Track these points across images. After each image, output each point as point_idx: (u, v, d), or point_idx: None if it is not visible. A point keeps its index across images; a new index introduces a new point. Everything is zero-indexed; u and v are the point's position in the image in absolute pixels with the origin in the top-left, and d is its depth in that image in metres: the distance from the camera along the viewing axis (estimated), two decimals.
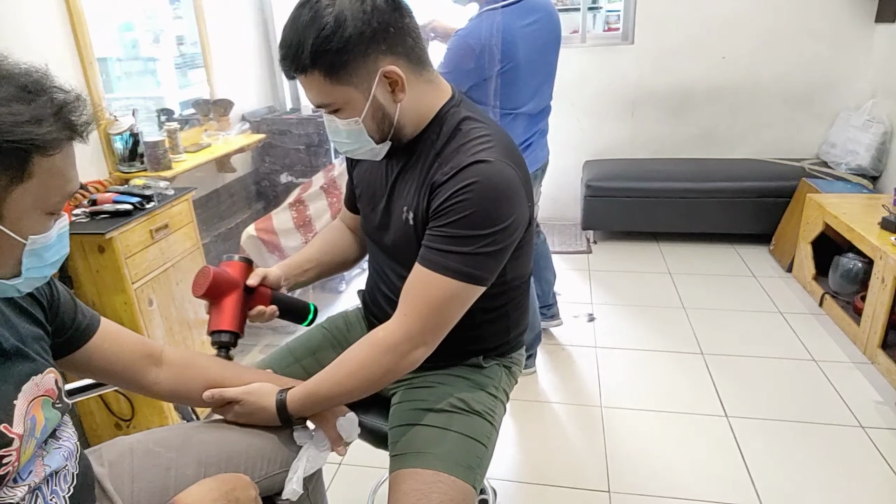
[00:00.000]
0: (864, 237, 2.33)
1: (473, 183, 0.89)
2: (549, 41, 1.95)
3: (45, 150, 0.64)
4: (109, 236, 1.70)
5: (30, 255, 0.69)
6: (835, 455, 1.84)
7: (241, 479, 0.87)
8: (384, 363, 0.95)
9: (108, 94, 2.24)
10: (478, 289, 0.95)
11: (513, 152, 0.97)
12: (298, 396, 0.99)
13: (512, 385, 1.21)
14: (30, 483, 0.73)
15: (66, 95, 0.67)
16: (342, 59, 0.86)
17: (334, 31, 0.84)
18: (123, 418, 1.94)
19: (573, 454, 1.92)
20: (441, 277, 0.92)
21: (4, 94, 0.61)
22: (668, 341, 2.52)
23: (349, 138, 0.96)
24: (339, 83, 0.89)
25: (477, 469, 1.01)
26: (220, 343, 1.05)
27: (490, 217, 0.90)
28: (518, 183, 0.94)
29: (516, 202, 0.93)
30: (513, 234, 0.94)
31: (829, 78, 3.41)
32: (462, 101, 1.02)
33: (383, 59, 0.89)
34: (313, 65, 0.87)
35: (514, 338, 1.19)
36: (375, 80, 0.89)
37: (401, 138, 0.99)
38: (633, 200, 3.48)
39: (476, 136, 0.94)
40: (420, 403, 1.09)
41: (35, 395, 0.74)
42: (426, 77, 0.97)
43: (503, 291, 1.09)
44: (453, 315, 0.96)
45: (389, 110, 0.94)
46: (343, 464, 1.90)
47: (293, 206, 2.70)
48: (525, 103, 1.94)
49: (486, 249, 0.91)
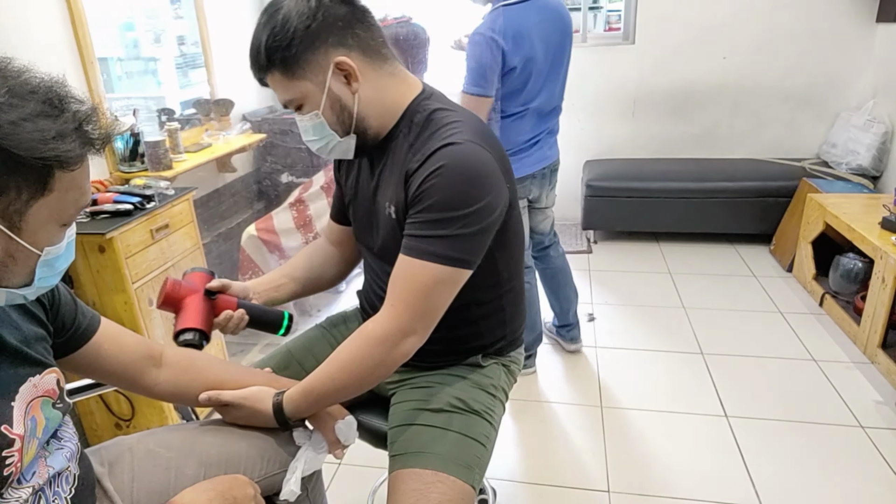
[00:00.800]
0: (865, 237, 2.33)
1: (443, 166, 0.90)
2: (560, 40, 1.94)
3: (67, 165, 0.64)
4: (110, 236, 1.70)
5: (42, 266, 0.69)
6: (835, 455, 1.84)
7: (237, 479, 0.87)
8: (375, 355, 0.94)
9: (109, 94, 2.24)
10: (462, 272, 0.94)
11: (485, 135, 0.98)
12: (294, 396, 0.99)
13: (511, 384, 1.20)
14: (34, 485, 0.73)
15: (85, 108, 0.67)
16: (293, 53, 0.91)
17: (282, 29, 0.90)
18: (123, 418, 1.94)
19: (573, 454, 1.92)
20: (424, 263, 0.92)
21: (31, 110, 0.62)
22: (668, 341, 2.52)
23: (315, 134, 1.00)
24: (296, 78, 0.94)
25: (476, 469, 1.01)
26: (187, 342, 1.02)
27: (464, 198, 0.90)
28: (491, 163, 0.94)
29: (491, 182, 0.93)
30: (491, 215, 0.94)
31: (829, 78, 3.41)
32: (433, 94, 1.03)
33: (334, 51, 0.93)
34: (270, 64, 0.93)
35: (511, 335, 1.18)
36: (329, 72, 0.93)
37: (366, 130, 1.00)
38: (634, 200, 3.48)
39: (446, 123, 0.96)
40: (419, 403, 1.09)
41: (33, 396, 0.74)
42: (388, 70, 1.00)
43: (496, 283, 1.09)
44: (441, 301, 0.95)
45: (347, 101, 0.97)
46: (343, 464, 1.90)
47: (294, 205, 2.70)
48: (534, 100, 1.94)
49: (465, 231, 0.91)
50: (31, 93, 0.63)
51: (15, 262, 0.67)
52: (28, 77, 0.65)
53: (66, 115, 0.65)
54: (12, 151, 0.60)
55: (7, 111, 0.60)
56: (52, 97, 0.64)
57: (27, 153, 0.60)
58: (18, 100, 0.61)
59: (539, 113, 1.99)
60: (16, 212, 0.63)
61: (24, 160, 0.61)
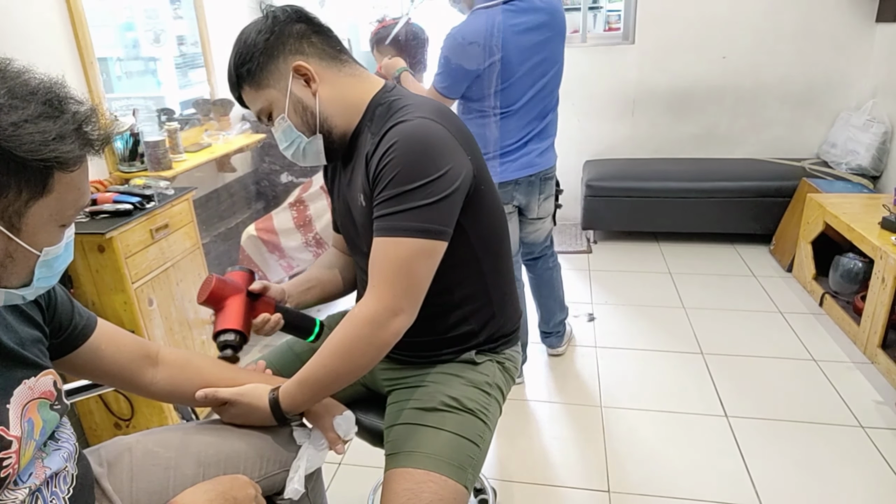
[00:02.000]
0: (865, 237, 2.33)
1: (396, 142, 0.93)
2: (545, 40, 1.90)
3: (67, 166, 0.65)
4: (109, 236, 1.70)
5: (41, 266, 0.69)
6: (835, 455, 1.84)
7: (238, 479, 0.87)
8: (364, 335, 0.94)
9: (109, 94, 2.24)
10: (436, 243, 0.95)
11: (440, 112, 1.01)
12: (290, 389, 0.99)
13: (508, 384, 1.20)
14: (30, 486, 0.73)
15: (84, 108, 0.67)
16: (256, 65, 1.01)
17: (245, 46, 1.02)
18: (123, 418, 1.94)
19: (573, 454, 1.92)
20: (396, 240, 0.93)
21: (33, 111, 0.62)
22: (668, 341, 2.52)
23: (285, 139, 1.06)
24: (262, 87, 1.03)
25: (469, 468, 1.00)
26: (226, 343, 1.04)
27: (420, 169, 0.93)
28: (444, 134, 0.96)
29: (447, 151, 0.95)
30: (454, 182, 0.95)
31: (829, 78, 3.41)
32: (395, 88, 1.07)
33: (292, 58, 1.02)
34: (239, 81, 1.04)
35: (504, 328, 1.17)
36: (289, 77, 1.02)
37: (331, 130, 1.05)
38: (633, 200, 3.47)
39: (400, 108, 1.00)
40: (413, 402, 1.09)
41: (29, 398, 0.74)
42: (347, 72, 1.06)
43: (472, 260, 1.08)
44: (421, 275, 0.95)
45: (308, 102, 1.03)
46: (343, 464, 1.90)
47: (293, 205, 2.70)
48: (516, 102, 1.91)
49: (429, 200, 0.93)
50: (31, 94, 0.63)
51: (14, 262, 0.67)
52: (28, 78, 0.65)
53: (66, 115, 0.65)
54: (13, 153, 0.60)
55: (8, 113, 0.60)
56: (52, 98, 0.64)
57: (28, 155, 0.60)
58: (19, 101, 0.61)
59: (525, 115, 1.94)
60: (15, 212, 0.63)
61: (24, 161, 0.61)
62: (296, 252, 2.66)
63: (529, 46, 1.87)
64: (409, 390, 1.13)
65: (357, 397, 1.26)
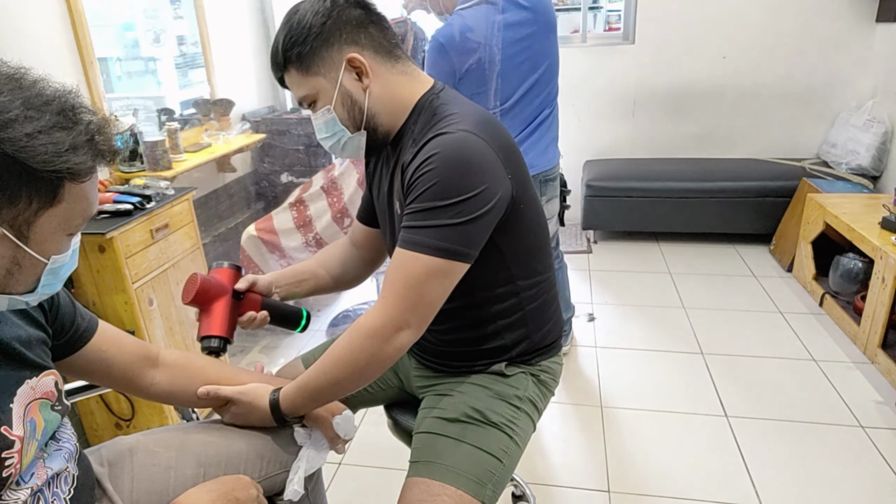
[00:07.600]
0: (865, 237, 2.33)
1: (434, 154, 0.89)
2: (530, 35, 1.87)
3: (78, 177, 0.65)
4: (110, 236, 1.70)
5: (48, 274, 0.70)
6: (835, 455, 1.84)
7: (240, 480, 0.87)
8: (367, 348, 0.91)
9: (109, 94, 2.24)
10: (455, 264, 0.91)
11: (486, 125, 0.95)
12: (290, 392, 0.98)
13: (544, 397, 1.13)
14: (32, 486, 0.73)
15: (97, 119, 0.67)
16: (308, 49, 0.95)
17: (298, 27, 0.95)
18: (123, 418, 1.94)
19: (573, 454, 1.92)
20: (414, 255, 0.89)
21: (47, 122, 0.62)
22: (668, 341, 2.52)
23: (327, 130, 1.01)
24: (310, 74, 0.97)
25: (488, 484, 0.97)
26: (210, 349, 1.04)
27: (455, 186, 0.88)
28: (486, 151, 0.91)
29: (484, 170, 0.90)
30: (486, 204, 0.90)
31: (829, 78, 3.41)
32: (443, 90, 1.03)
33: (347, 48, 0.96)
34: (286, 62, 0.97)
35: (537, 341, 1.11)
36: (342, 68, 0.96)
37: (376, 127, 1.01)
38: (634, 200, 3.48)
39: (444, 115, 0.96)
40: (437, 412, 1.07)
41: (31, 398, 0.74)
42: (399, 69, 1.01)
43: (507, 280, 1.04)
44: (434, 294, 0.91)
45: (358, 97, 0.98)
46: (343, 464, 1.90)
47: (293, 206, 2.70)
48: (507, 99, 1.90)
49: (454, 221, 0.88)
50: (45, 104, 0.63)
51: (21, 269, 0.67)
52: (42, 88, 0.65)
53: (80, 126, 0.65)
54: (27, 164, 0.60)
55: (23, 124, 0.60)
56: (66, 108, 0.64)
57: (41, 165, 0.61)
58: (34, 112, 0.62)
59: (519, 113, 1.93)
60: (25, 221, 0.63)
61: (37, 172, 0.61)
62: (296, 252, 2.66)
63: (513, 42, 1.86)
64: (438, 398, 1.11)
65: (397, 399, 1.27)
